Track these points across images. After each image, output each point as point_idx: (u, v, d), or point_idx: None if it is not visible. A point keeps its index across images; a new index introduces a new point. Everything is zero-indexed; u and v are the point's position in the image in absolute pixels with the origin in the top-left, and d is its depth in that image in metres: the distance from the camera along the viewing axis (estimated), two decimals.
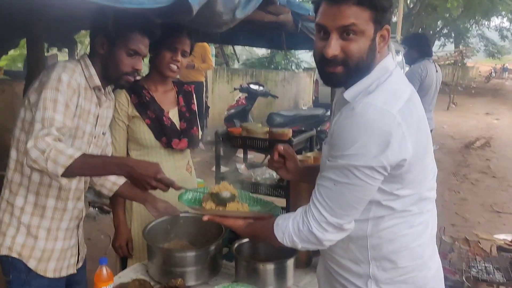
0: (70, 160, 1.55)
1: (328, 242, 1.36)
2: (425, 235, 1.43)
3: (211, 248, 1.85)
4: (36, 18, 3.59)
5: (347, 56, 1.31)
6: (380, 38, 1.35)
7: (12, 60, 10.82)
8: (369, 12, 1.29)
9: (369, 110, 1.24)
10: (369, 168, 1.25)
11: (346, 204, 1.31)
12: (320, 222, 1.32)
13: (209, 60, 7.76)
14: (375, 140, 1.22)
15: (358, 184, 1.27)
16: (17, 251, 1.82)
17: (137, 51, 1.84)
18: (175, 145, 2.28)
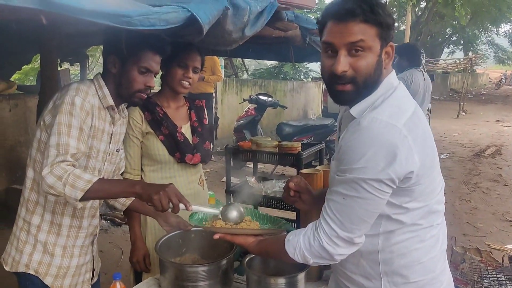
0: (89, 184, 1.61)
1: (340, 257, 1.37)
2: (436, 249, 1.44)
3: (223, 262, 1.86)
4: (49, 35, 3.66)
5: (355, 73, 1.34)
6: (385, 54, 1.38)
7: (24, 74, 10.96)
8: (375, 28, 1.33)
9: (375, 124, 1.27)
10: (377, 181, 1.27)
11: (356, 218, 1.32)
12: (331, 236, 1.34)
13: (218, 72, 7.82)
14: (382, 153, 1.25)
15: (367, 198, 1.29)
16: (34, 268, 1.86)
17: (149, 69, 1.87)
18: (189, 160, 2.31)
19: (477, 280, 3.02)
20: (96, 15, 1.28)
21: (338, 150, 1.37)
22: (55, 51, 3.91)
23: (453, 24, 23.80)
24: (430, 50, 26.99)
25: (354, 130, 1.30)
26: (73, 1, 1.21)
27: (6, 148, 5.36)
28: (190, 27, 1.61)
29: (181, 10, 1.55)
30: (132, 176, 2.30)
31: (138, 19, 1.39)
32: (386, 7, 1.36)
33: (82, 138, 1.74)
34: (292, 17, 2.46)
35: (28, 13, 1.16)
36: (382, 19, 1.33)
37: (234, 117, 9.34)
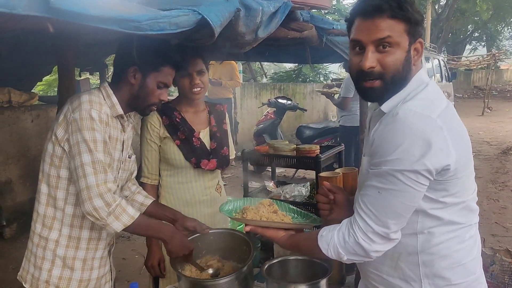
0: (131, 221, 1.72)
1: (375, 253, 1.33)
2: (475, 250, 1.41)
3: (243, 270, 1.82)
4: (66, 45, 3.69)
5: (383, 69, 1.34)
6: (414, 51, 1.38)
7: (48, 85, 11.15)
8: (403, 24, 1.33)
9: (409, 115, 1.26)
10: (413, 172, 1.24)
11: (392, 212, 1.29)
12: (366, 232, 1.31)
13: (236, 78, 7.82)
14: (417, 144, 1.22)
15: (403, 190, 1.26)
16: (55, 283, 1.84)
17: (167, 84, 1.89)
18: (204, 165, 2.29)
19: (508, 282, 2.91)
20: (103, 21, 1.26)
21: (371, 144, 1.34)
22: (72, 61, 3.93)
23: (475, 20, 23.36)
24: (452, 48, 26.57)
25: (387, 123, 1.30)
26: (80, 7, 1.19)
27: (29, 159, 5.44)
28: (201, 30, 1.58)
29: (192, 13, 1.52)
30: (149, 181, 2.30)
31: (147, 23, 1.36)
32: (414, 4, 1.36)
33: (107, 151, 1.76)
34: (307, 17, 2.41)
35: (35, 21, 1.14)
36: (410, 15, 1.33)
37: (253, 121, 9.31)
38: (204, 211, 2.37)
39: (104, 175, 1.69)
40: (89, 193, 1.66)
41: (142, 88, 1.85)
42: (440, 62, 11.45)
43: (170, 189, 2.33)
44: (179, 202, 2.33)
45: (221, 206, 1.88)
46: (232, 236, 2.08)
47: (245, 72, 12.20)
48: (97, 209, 1.66)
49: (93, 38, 3.64)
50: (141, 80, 1.84)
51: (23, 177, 5.38)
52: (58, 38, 3.37)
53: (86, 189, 1.66)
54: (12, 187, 5.28)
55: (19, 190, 5.35)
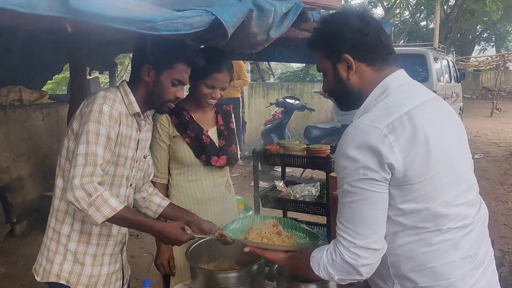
0: (112, 213, 1.66)
1: (364, 269, 1.35)
2: (454, 255, 1.36)
3: (254, 268, 1.84)
4: (78, 44, 3.73)
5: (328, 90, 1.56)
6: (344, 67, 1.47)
7: (56, 83, 11.24)
8: (320, 51, 1.51)
9: (357, 130, 1.33)
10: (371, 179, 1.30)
11: (367, 220, 1.33)
12: (349, 248, 1.33)
13: (244, 77, 7.83)
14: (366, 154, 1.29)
15: (368, 197, 1.31)
16: (65, 278, 1.86)
17: (181, 81, 1.90)
18: (214, 162, 2.31)
19: None
20: (120, 22, 1.28)
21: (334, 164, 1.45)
22: (84, 60, 3.99)
23: (484, 20, 23.20)
24: (461, 48, 26.40)
25: (341, 139, 1.37)
26: (97, 8, 1.21)
27: (40, 156, 5.50)
28: (215, 31, 1.59)
29: (205, 13, 1.53)
30: (159, 180, 2.33)
31: (162, 24, 1.38)
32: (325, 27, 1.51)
33: (108, 147, 1.75)
34: (318, 17, 2.41)
35: (54, 21, 1.16)
36: (318, 43, 1.51)
37: (261, 121, 9.32)
38: (214, 209, 2.39)
39: (93, 168, 1.67)
40: (71, 183, 1.64)
41: (156, 86, 1.87)
42: (448, 63, 11.39)
43: (180, 187, 2.36)
44: (189, 200, 2.35)
45: (226, 225, 1.92)
46: None
47: (253, 72, 12.20)
48: (78, 199, 1.62)
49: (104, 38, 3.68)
50: (155, 78, 1.86)
51: (33, 175, 5.44)
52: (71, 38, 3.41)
53: (71, 178, 1.65)
54: (23, 185, 5.34)
55: (29, 188, 5.40)
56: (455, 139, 1.44)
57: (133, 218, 1.76)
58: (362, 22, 1.44)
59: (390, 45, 1.50)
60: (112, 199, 1.68)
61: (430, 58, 9.49)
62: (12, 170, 5.23)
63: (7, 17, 1.09)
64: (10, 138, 5.16)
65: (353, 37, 1.43)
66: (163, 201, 2.15)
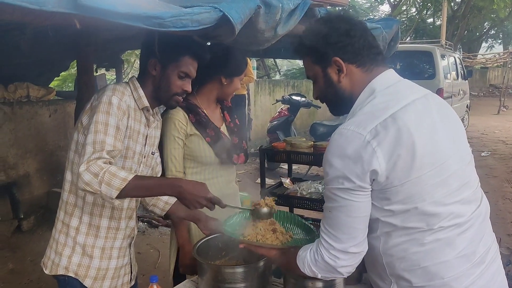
0: (124, 182, 1.60)
1: (343, 269, 1.40)
2: (447, 254, 1.35)
3: (260, 264, 1.84)
4: (85, 41, 3.74)
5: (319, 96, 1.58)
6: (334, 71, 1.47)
7: (63, 80, 11.29)
8: (308, 57, 1.51)
9: (341, 136, 1.34)
10: (348, 188, 1.32)
11: (345, 227, 1.36)
12: (329, 250, 1.39)
13: (250, 73, 7.81)
14: (347, 162, 1.31)
15: (346, 205, 1.34)
16: (74, 270, 1.88)
17: (188, 74, 1.91)
18: (236, 160, 2.32)
19: None
20: (129, 18, 1.28)
21: None
22: (91, 57, 4.00)
23: (492, 17, 23.03)
24: (468, 45, 26.24)
25: (328, 145, 1.39)
26: (106, 4, 1.21)
27: (46, 153, 5.53)
28: (222, 27, 1.59)
29: (213, 10, 1.54)
30: None
31: (170, 20, 1.38)
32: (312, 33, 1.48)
33: (119, 137, 1.74)
34: (325, 14, 2.41)
35: (62, 18, 1.17)
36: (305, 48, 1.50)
37: (267, 118, 9.32)
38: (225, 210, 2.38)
39: (99, 153, 1.64)
40: (78, 170, 1.61)
41: (163, 79, 1.89)
42: (456, 60, 11.33)
43: None
44: None
45: (225, 220, 1.89)
46: None
47: (258, 69, 12.20)
48: (87, 183, 1.59)
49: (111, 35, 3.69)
50: (162, 71, 1.88)
51: (40, 171, 5.47)
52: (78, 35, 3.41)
53: (78, 166, 1.63)
54: (30, 181, 5.37)
55: (36, 184, 5.43)
56: (446, 137, 1.40)
57: (147, 181, 1.73)
58: (348, 24, 1.45)
59: (377, 46, 1.51)
60: (120, 171, 1.63)
61: (437, 55, 9.45)
62: (20, 166, 5.26)
63: (17, 14, 1.10)
64: (18, 134, 5.19)
65: (340, 40, 1.43)
66: (170, 199, 2.14)
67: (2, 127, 5.00)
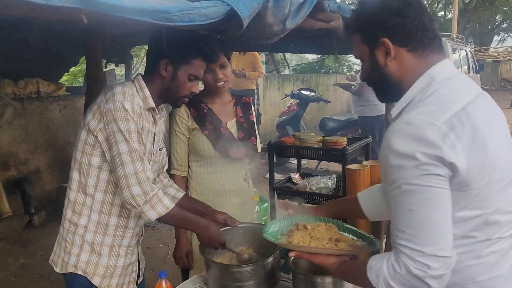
0: (166, 211, 1.77)
1: (434, 281, 1.17)
2: (501, 267, 1.27)
3: (268, 261, 1.83)
4: (94, 37, 3.75)
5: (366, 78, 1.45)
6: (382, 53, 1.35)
7: (73, 76, 11.34)
8: (356, 35, 1.40)
9: (411, 125, 1.18)
10: (433, 174, 1.15)
11: (432, 223, 1.17)
12: (415, 258, 1.16)
13: (259, 68, 7.79)
14: (423, 150, 1.14)
15: (431, 195, 1.16)
16: (82, 268, 1.89)
17: (197, 77, 1.91)
18: (233, 154, 2.32)
19: None
20: (136, 13, 1.27)
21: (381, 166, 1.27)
22: (100, 52, 4.01)
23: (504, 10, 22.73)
24: (479, 39, 25.93)
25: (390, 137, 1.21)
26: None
27: (57, 148, 5.56)
28: (230, 21, 1.57)
29: (221, 4, 1.52)
30: (179, 172, 2.35)
31: (177, 14, 1.37)
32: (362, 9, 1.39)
33: (141, 141, 1.80)
34: (334, 7, 2.38)
35: (69, 13, 1.15)
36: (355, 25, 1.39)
37: (276, 113, 9.30)
38: (233, 201, 2.40)
39: (142, 163, 1.74)
40: (127, 181, 1.71)
41: (173, 81, 1.87)
42: (467, 53, 11.20)
43: (200, 180, 2.37)
44: (209, 192, 2.36)
45: (264, 230, 1.77)
46: (260, 230, 2.09)
47: (268, 64, 12.15)
48: (134, 196, 1.71)
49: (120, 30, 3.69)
50: (173, 73, 1.86)
51: (51, 166, 5.50)
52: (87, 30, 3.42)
53: (125, 177, 1.71)
54: (41, 176, 5.41)
55: (47, 179, 5.47)
56: (507, 140, 1.29)
57: (183, 215, 1.88)
58: (402, 3, 1.31)
59: (434, 29, 1.35)
60: (165, 198, 1.79)
61: (448, 48, 9.33)
62: (30, 161, 5.30)
63: (24, 9, 1.09)
64: (28, 130, 5.22)
65: (391, 19, 1.30)
66: (178, 193, 2.16)
67: (12, 122, 5.03)
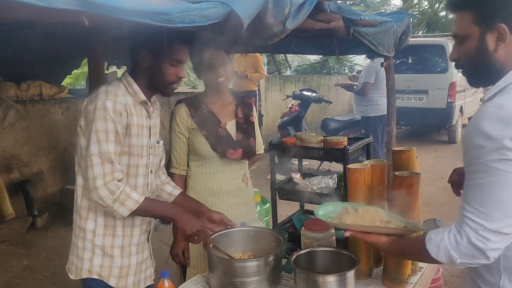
0: (136, 205, 1.78)
1: (493, 252, 1.26)
2: None
3: (271, 258, 1.84)
4: (96, 39, 3.77)
5: (459, 60, 1.43)
6: (494, 38, 1.33)
7: (75, 78, 11.37)
8: (469, 14, 1.35)
9: (501, 108, 1.23)
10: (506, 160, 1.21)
11: (499, 203, 1.24)
12: (478, 231, 1.25)
13: (261, 69, 7.81)
14: (508, 134, 1.20)
15: (504, 178, 1.22)
16: (97, 272, 1.90)
17: (180, 61, 1.90)
18: (230, 155, 2.33)
19: None
20: (137, 14, 1.28)
21: (463, 144, 1.32)
22: (101, 54, 4.03)
23: None
24: None
25: (477, 118, 1.27)
26: (114, 1, 1.21)
27: (59, 150, 5.58)
28: (231, 22, 1.59)
29: (221, 5, 1.53)
30: (178, 171, 2.37)
31: (178, 16, 1.38)
32: None
33: (118, 140, 1.80)
34: (334, 8, 2.40)
35: (71, 15, 1.17)
36: (473, 4, 1.35)
37: (278, 114, 9.30)
38: (231, 201, 2.41)
39: (111, 165, 1.75)
40: (94, 183, 1.73)
41: (155, 69, 1.88)
42: None
43: (198, 179, 2.38)
44: (206, 192, 2.38)
45: (316, 210, 1.81)
46: (260, 233, 2.10)
47: (269, 64, 12.15)
48: (102, 198, 1.73)
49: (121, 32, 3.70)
50: (153, 62, 1.87)
51: (53, 168, 5.53)
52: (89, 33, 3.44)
53: (93, 179, 1.73)
54: (43, 178, 5.43)
55: (49, 181, 5.49)
56: None
57: (153, 206, 1.90)
58: None
59: None
60: (133, 193, 1.79)
61: (449, 48, 9.32)
62: (33, 163, 5.32)
63: (26, 11, 1.10)
64: (31, 132, 5.25)
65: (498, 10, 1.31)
66: (174, 190, 2.18)
67: (15, 125, 5.06)
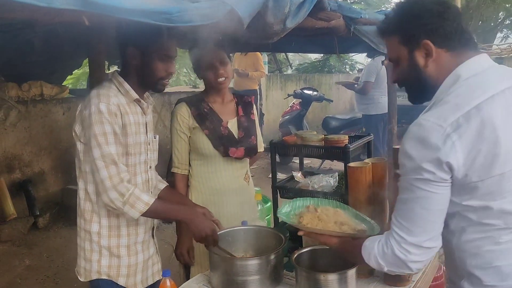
0: (146, 207, 1.79)
1: (414, 264, 1.35)
2: None
3: (273, 256, 1.85)
4: (96, 39, 3.77)
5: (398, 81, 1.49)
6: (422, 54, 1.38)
7: (76, 78, 11.37)
8: (395, 37, 1.42)
9: (420, 128, 1.28)
10: (427, 180, 1.27)
11: (419, 219, 1.31)
12: (400, 243, 1.34)
13: (261, 68, 7.80)
14: (425, 153, 1.25)
15: (423, 196, 1.29)
16: (106, 272, 1.92)
17: (168, 55, 1.89)
18: (232, 153, 2.33)
19: None
20: (136, 14, 1.29)
21: None
22: (102, 54, 4.03)
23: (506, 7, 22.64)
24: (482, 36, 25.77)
25: (405, 135, 1.33)
26: (114, 1, 1.22)
27: (61, 150, 5.58)
28: (230, 21, 1.59)
29: (221, 4, 1.54)
30: (179, 171, 2.37)
31: (177, 15, 1.39)
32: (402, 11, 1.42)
33: (117, 140, 1.81)
34: (335, 6, 2.40)
35: (71, 15, 1.17)
36: (394, 28, 1.41)
37: (279, 113, 9.29)
38: (233, 200, 2.41)
39: (115, 167, 1.77)
40: (103, 186, 1.75)
41: (145, 66, 1.87)
42: None
43: (200, 178, 2.38)
44: (209, 191, 2.38)
45: (278, 209, 1.89)
46: (262, 232, 2.10)
47: (270, 63, 12.15)
48: (112, 200, 1.75)
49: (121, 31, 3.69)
50: (142, 58, 1.86)
51: (55, 168, 5.53)
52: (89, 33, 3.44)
53: (101, 182, 1.76)
54: (45, 178, 5.44)
55: (51, 181, 5.50)
56: None
57: (165, 207, 1.91)
58: (441, 6, 1.36)
59: (469, 31, 1.42)
60: (143, 194, 1.80)
61: None
62: (34, 164, 5.33)
63: (27, 12, 1.11)
64: (32, 132, 5.25)
65: (432, 21, 1.35)
66: (159, 184, 2.19)
67: (17, 125, 5.06)
